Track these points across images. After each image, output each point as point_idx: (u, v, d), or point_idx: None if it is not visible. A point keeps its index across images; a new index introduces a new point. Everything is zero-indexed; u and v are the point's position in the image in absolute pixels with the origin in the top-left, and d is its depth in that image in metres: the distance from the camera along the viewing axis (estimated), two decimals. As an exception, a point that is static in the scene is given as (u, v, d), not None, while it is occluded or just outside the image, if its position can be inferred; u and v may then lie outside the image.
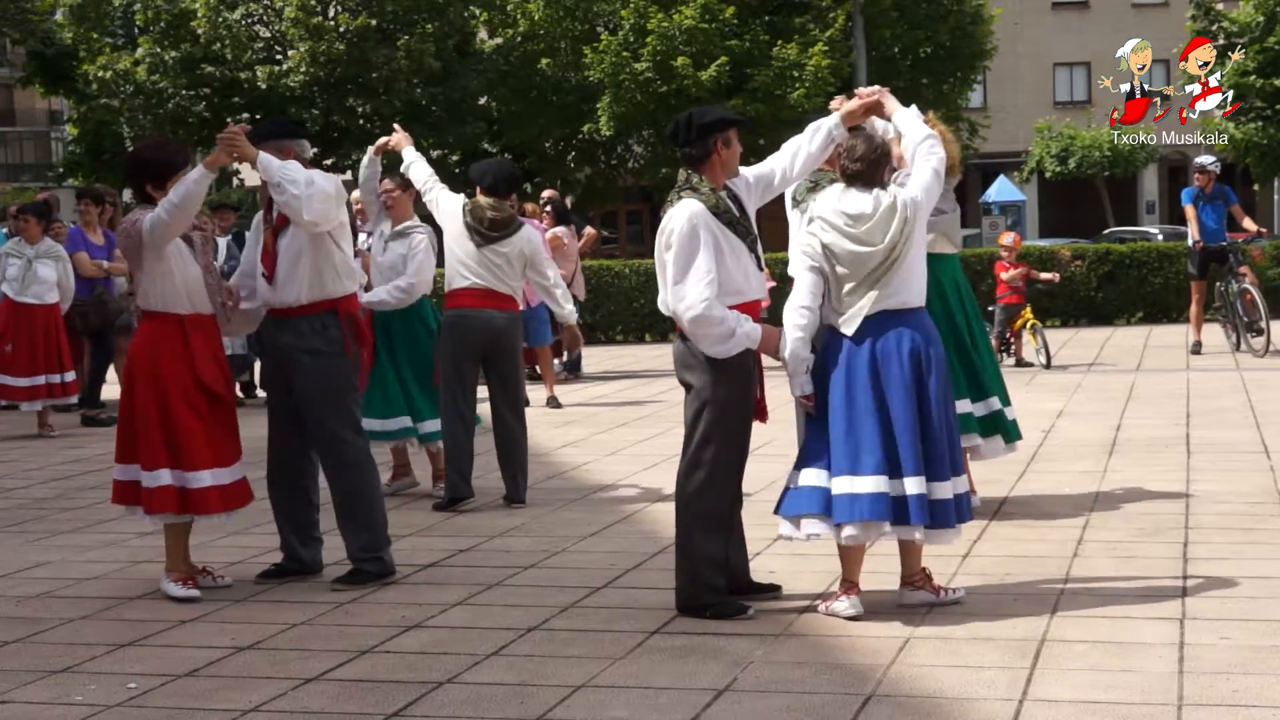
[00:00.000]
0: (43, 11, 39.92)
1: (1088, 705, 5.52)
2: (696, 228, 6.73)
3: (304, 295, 7.79)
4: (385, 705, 5.82)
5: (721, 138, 6.90)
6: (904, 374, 6.72)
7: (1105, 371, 17.18)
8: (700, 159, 6.91)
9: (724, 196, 6.89)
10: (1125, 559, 7.82)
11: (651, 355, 21.42)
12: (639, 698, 5.80)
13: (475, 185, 10.11)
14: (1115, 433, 12.23)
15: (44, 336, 14.49)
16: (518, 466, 10.06)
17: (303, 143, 8.07)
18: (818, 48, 35.02)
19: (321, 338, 7.79)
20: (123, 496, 7.81)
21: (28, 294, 14.41)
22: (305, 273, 7.78)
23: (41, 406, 14.73)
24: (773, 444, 10.65)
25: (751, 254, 6.92)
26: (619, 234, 52.36)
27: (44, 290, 14.46)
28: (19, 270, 14.41)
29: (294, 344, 7.84)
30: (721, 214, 6.81)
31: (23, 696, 6.08)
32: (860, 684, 5.87)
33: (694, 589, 6.94)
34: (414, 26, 36.01)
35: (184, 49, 36.18)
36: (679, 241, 6.75)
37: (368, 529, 7.89)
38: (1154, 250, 24.55)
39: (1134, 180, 55.37)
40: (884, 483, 6.64)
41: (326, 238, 7.75)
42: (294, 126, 8.21)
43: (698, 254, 6.71)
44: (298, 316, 7.83)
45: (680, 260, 6.74)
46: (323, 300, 7.80)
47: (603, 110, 36.44)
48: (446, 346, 9.91)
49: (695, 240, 6.72)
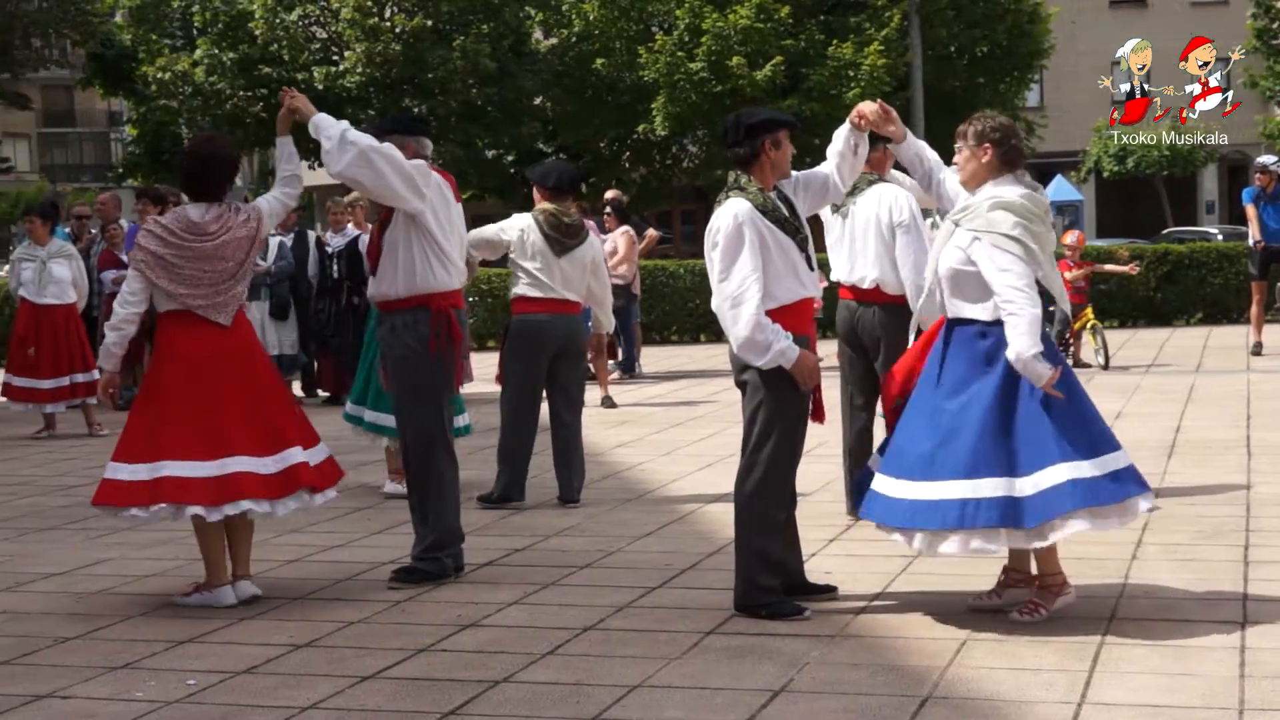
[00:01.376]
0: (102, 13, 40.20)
1: (1147, 709, 5.48)
2: (742, 226, 6.74)
3: (399, 289, 7.85)
4: (441, 704, 5.83)
5: (770, 139, 6.90)
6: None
7: (1164, 372, 17.06)
8: (749, 159, 6.92)
9: (773, 196, 6.90)
10: (1185, 561, 7.76)
11: (706, 355, 21.41)
12: (694, 698, 5.79)
13: (536, 187, 10.11)
14: (1174, 434, 12.14)
15: (65, 336, 14.53)
16: (574, 466, 10.07)
17: (423, 140, 8.07)
18: (873, 47, 34.92)
19: (411, 333, 7.84)
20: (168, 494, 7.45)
21: (46, 295, 14.45)
22: (400, 266, 7.83)
23: (65, 407, 14.77)
24: (826, 444, 10.62)
25: (802, 253, 6.91)
26: (673, 234, 52.34)
27: (61, 290, 14.49)
28: (34, 272, 14.45)
29: (387, 338, 7.93)
30: (769, 212, 6.81)
31: (84, 692, 6.12)
32: (917, 686, 5.85)
33: (749, 589, 6.94)
34: (469, 27, 36.09)
35: (241, 50, 36.39)
36: (724, 240, 6.76)
37: (433, 529, 7.92)
38: (1213, 250, 24.37)
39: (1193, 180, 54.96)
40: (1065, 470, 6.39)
41: (423, 232, 7.79)
42: (416, 123, 8.17)
43: (742, 252, 6.72)
44: (393, 310, 7.90)
45: (725, 258, 6.75)
46: (417, 295, 7.84)
47: (658, 110, 36.44)
48: (521, 350, 9.92)
49: (740, 239, 6.73)
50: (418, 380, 7.87)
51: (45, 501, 10.92)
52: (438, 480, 7.95)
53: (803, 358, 6.75)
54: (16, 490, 11.50)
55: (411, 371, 7.86)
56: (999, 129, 6.71)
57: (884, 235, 8.68)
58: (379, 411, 10.19)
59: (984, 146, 6.67)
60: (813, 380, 6.82)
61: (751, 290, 6.68)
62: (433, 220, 7.84)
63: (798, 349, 6.74)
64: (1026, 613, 6.65)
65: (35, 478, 12.14)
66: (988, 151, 6.67)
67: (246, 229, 7.57)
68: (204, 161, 7.66)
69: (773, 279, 6.77)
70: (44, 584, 8.19)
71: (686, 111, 36.28)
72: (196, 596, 7.53)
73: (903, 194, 8.79)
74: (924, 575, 7.56)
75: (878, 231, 8.69)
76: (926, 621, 6.75)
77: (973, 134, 6.72)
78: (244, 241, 7.55)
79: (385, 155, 7.65)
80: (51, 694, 6.11)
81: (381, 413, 10.12)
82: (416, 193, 7.76)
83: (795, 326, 6.83)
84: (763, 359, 6.72)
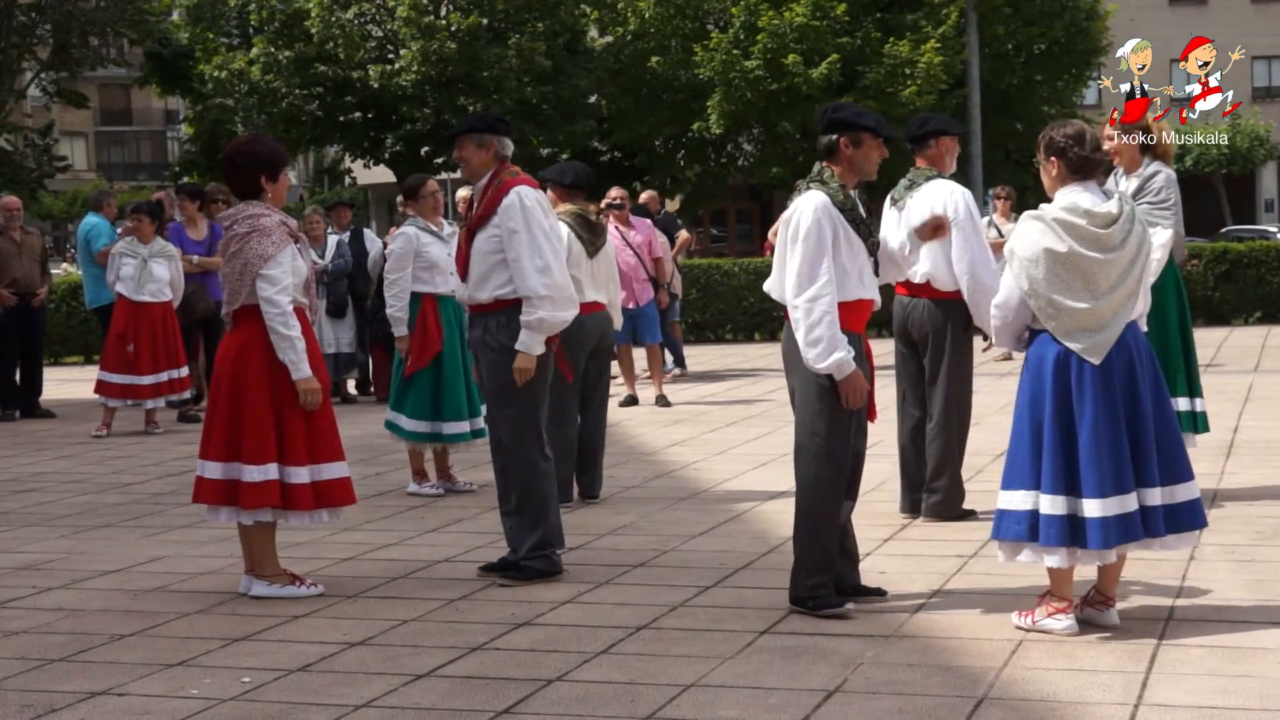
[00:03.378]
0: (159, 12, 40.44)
1: (1205, 710, 5.43)
2: (820, 221, 6.77)
3: (494, 292, 7.89)
4: (495, 702, 5.83)
5: (849, 137, 6.92)
6: (1146, 384, 6.45)
7: (1222, 372, 16.92)
8: (827, 152, 6.98)
9: (853, 195, 6.95)
10: (1243, 563, 7.70)
11: (760, 354, 21.37)
12: (749, 697, 5.78)
13: (551, 187, 10.05)
14: (1233, 434, 12.04)
15: (162, 333, 14.67)
16: (599, 463, 10.15)
17: (504, 140, 8.06)
18: (930, 45, 34.76)
19: (506, 333, 7.86)
20: (214, 495, 7.70)
21: (144, 293, 14.57)
22: (495, 271, 7.87)
23: (165, 403, 14.93)
24: (882, 443, 10.58)
25: (871, 257, 6.96)
26: (728, 233, 52.33)
27: (159, 288, 14.61)
28: (134, 269, 14.56)
29: (481, 339, 7.97)
30: (847, 210, 6.84)
31: (140, 689, 6.16)
32: (972, 687, 5.82)
33: (798, 582, 6.96)
34: (525, 25, 36.14)
35: (297, 49, 36.53)
36: (804, 235, 6.78)
37: (537, 528, 7.91)
38: (1273, 249, 24.16)
39: (1252, 178, 54.59)
40: (1133, 500, 6.36)
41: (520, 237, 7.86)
42: (500, 123, 8.15)
43: (822, 249, 6.74)
44: (487, 313, 7.94)
45: (805, 253, 6.76)
46: (513, 298, 7.86)
47: (713, 108, 36.38)
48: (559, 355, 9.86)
49: (820, 235, 6.76)
50: (511, 380, 7.88)
51: (102, 499, 10.99)
52: (538, 477, 7.95)
53: (854, 376, 6.75)
54: (73, 488, 11.58)
55: (505, 372, 7.88)
56: (1065, 138, 6.52)
57: None
58: (396, 412, 10.59)
59: (1050, 159, 6.59)
60: (854, 402, 6.79)
61: (829, 291, 6.71)
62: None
63: (854, 366, 6.75)
64: (1025, 615, 6.63)
65: (91, 475, 12.22)
66: (1055, 164, 6.57)
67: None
68: (229, 161, 7.84)
69: (839, 275, 6.80)
70: (100, 581, 8.24)
71: (741, 110, 36.21)
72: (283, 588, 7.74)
73: (958, 191, 8.80)
74: (979, 575, 7.52)
75: None
76: (982, 621, 6.71)
77: (1042, 146, 6.63)
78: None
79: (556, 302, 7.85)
80: (107, 691, 6.14)
81: (398, 414, 10.55)
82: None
83: (852, 325, 6.86)
84: (822, 362, 6.71)
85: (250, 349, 7.61)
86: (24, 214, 16.96)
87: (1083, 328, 6.39)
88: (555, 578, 7.85)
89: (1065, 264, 6.38)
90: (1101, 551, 6.34)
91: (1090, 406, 6.35)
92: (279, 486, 7.59)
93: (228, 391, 7.65)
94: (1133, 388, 6.41)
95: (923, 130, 9.03)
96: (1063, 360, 6.42)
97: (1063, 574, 6.47)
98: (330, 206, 17.97)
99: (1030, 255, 6.43)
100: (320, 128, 38.12)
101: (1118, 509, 6.30)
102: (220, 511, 7.73)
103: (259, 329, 7.60)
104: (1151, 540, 6.43)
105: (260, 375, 7.59)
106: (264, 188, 7.73)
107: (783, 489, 10.12)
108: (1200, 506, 6.55)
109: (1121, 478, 6.32)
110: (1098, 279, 6.37)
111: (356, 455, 12.53)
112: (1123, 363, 6.41)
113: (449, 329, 10.54)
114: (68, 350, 23.78)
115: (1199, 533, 6.64)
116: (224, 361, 7.72)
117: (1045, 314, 6.43)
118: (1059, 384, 6.42)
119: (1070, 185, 6.51)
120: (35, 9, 38.20)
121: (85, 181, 73.40)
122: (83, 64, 40.24)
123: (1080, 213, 6.40)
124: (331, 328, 16.46)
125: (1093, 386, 6.36)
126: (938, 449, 8.96)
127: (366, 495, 10.66)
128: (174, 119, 76.58)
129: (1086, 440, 6.34)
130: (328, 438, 7.78)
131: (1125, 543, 6.36)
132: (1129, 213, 6.46)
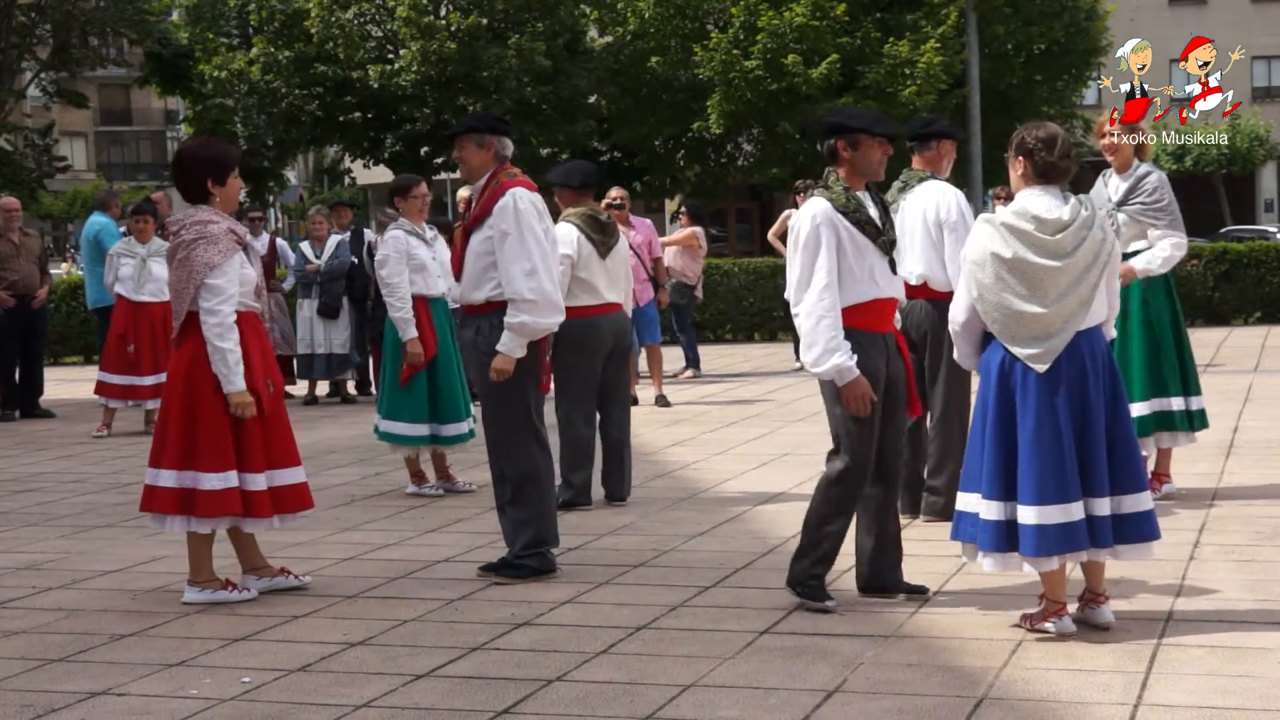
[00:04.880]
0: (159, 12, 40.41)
1: (1205, 710, 5.44)
2: (819, 227, 6.82)
3: (487, 294, 7.88)
4: (495, 702, 5.84)
5: (845, 140, 6.96)
6: (1099, 393, 6.41)
7: (1222, 372, 16.92)
8: (829, 156, 7.03)
9: (859, 196, 6.96)
10: (1243, 563, 7.70)
11: (761, 354, 21.37)
12: (748, 697, 5.78)
13: (559, 189, 10.04)
14: (1232, 434, 12.04)
15: (163, 333, 14.65)
16: (626, 465, 10.06)
17: (504, 140, 8.05)
18: (930, 45, 34.74)
19: (498, 335, 7.84)
20: (168, 504, 7.57)
21: (144, 292, 14.56)
22: (489, 272, 7.86)
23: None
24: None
25: (884, 256, 6.97)
26: (728, 233, 52.28)
27: (159, 288, 14.61)
28: (133, 269, 14.55)
29: (473, 340, 7.96)
30: (851, 213, 6.86)
31: (140, 689, 6.16)
32: (972, 687, 5.82)
33: (796, 568, 7.08)
34: (524, 25, 36.12)
35: (297, 49, 36.49)
36: (803, 243, 6.84)
37: (531, 524, 7.91)
38: (1272, 249, 24.14)
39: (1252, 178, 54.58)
40: (1079, 508, 6.34)
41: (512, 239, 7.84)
42: (499, 123, 8.14)
43: (819, 256, 6.78)
44: (479, 314, 7.93)
45: (803, 261, 6.83)
46: (500, 299, 7.85)
47: (712, 108, 36.36)
48: (575, 357, 9.75)
49: (817, 241, 6.80)
50: (507, 380, 7.86)
51: (102, 499, 10.99)
52: (533, 476, 7.94)
53: (856, 383, 6.77)
54: (73, 488, 11.59)
55: None
56: (1036, 140, 6.50)
57: (931, 233, 8.78)
58: (391, 420, 10.54)
59: (1019, 158, 6.60)
60: (857, 408, 6.80)
61: (828, 297, 6.73)
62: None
63: (857, 371, 6.77)
64: (1026, 620, 6.61)
65: (91, 475, 12.23)
66: (1022, 164, 6.59)
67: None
68: (176, 164, 7.81)
69: (846, 279, 6.84)
70: (100, 581, 8.25)
71: (741, 110, 36.18)
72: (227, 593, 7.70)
73: (951, 193, 8.83)
74: (979, 575, 7.51)
75: (925, 229, 8.79)
76: (982, 621, 6.72)
77: (1013, 144, 6.64)
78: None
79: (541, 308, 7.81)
80: (107, 691, 6.15)
81: (394, 421, 10.49)
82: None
83: (870, 324, 6.92)
84: (819, 366, 6.74)
85: (203, 357, 7.54)
86: (23, 215, 16.96)
87: (1031, 334, 6.39)
88: (549, 576, 7.86)
89: (1011, 269, 6.40)
90: (1038, 559, 6.34)
91: (1032, 413, 6.36)
92: (239, 494, 7.54)
93: (181, 399, 7.58)
94: (1084, 396, 6.39)
95: (926, 130, 9.04)
96: (1007, 366, 6.44)
97: (1055, 577, 6.47)
98: (331, 206, 18.02)
99: (977, 259, 6.47)
100: (320, 128, 38.08)
101: (1059, 518, 6.29)
102: (170, 520, 7.61)
103: None
104: (1100, 550, 6.42)
105: (215, 383, 7.52)
106: (211, 191, 7.65)
107: (783, 489, 10.13)
108: (1152, 518, 6.51)
109: (1065, 487, 6.31)
110: (1045, 285, 6.36)
111: (356, 455, 12.56)
112: (1074, 370, 6.39)
113: (441, 331, 10.54)
114: (68, 350, 23.78)
115: (1153, 544, 6.58)
116: (177, 370, 7.66)
117: (990, 319, 6.44)
118: (1002, 390, 6.45)
119: (1031, 188, 6.53)
120: (35, 9, 38.16)
121: (85, 182, 73.39)
122: (82, 64, 40.18)
123: (1029, 218, 6.41)
124: (324, 329, 16.48)
125: (1036, 393, 6.36)
126: (937, 449, 8.97)
127: (366, 495, 10.68)
128: (174, 119, 76.52)
129: (1026, 447, 6.35)
130: (284, 443, 7.74)
131: (1068, 551, 6.34)
132: (1086, 219, 6.42)
